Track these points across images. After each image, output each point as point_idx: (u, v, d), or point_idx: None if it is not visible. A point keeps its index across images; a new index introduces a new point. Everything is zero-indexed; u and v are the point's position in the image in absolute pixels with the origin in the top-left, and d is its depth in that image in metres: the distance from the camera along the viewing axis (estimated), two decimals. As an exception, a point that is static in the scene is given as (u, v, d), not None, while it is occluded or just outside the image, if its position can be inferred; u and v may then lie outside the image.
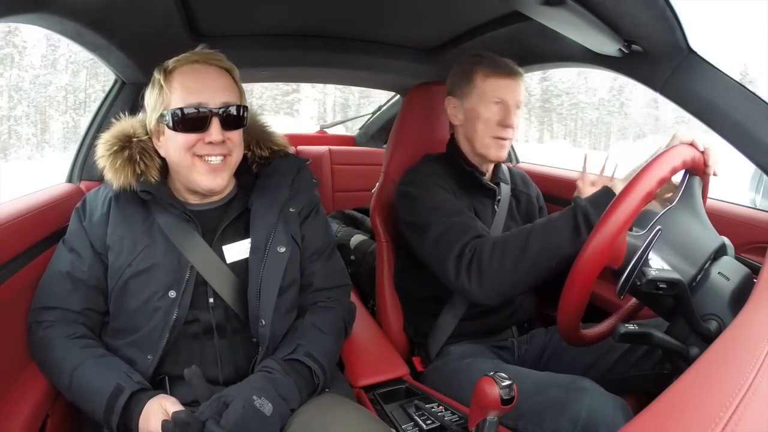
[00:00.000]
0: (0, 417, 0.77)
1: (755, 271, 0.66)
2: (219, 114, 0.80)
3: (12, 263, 0.84)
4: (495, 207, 1.11)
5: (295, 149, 2.19)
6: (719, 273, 0.67)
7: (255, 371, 0.79)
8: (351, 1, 1.17)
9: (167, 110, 0.80)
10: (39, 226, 0.94)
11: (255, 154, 0.93)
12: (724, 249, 0.73)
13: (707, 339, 0.61)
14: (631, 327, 0.61)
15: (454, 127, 1.11)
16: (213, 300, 0.83)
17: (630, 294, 0.63)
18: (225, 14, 1.20)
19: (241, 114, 0.84)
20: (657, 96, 0.97)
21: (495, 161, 1.10)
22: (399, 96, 2.16)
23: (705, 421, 0.34)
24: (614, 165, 1.08)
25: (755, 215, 1.08)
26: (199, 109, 0.80)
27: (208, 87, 0.81)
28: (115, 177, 0.83)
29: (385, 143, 2.18)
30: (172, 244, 0.83)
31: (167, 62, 0.84)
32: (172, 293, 0.80)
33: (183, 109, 0.79)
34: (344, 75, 1.91)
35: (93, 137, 1.23)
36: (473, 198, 1.08)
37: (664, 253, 0.67)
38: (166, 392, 0.79)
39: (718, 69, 0.87)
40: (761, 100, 0.83)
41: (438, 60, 1.53)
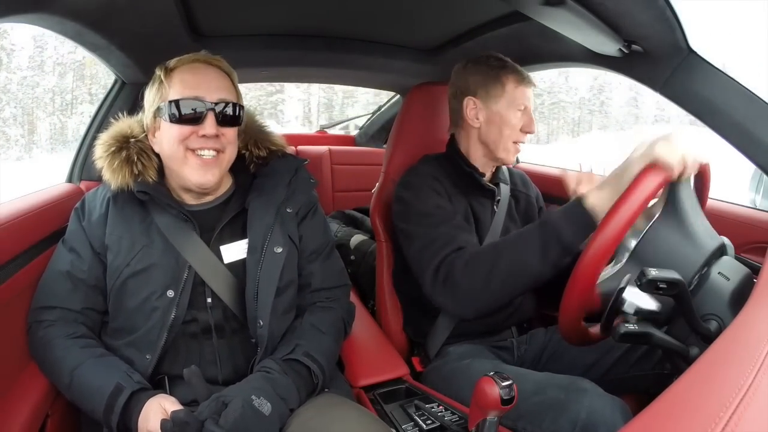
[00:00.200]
0: (0, 416, 0.77)
1: (755, 271, 0.66)
2: (214, 109, 0.81)
3: (12, 263, 0.84)
4: (494, 207, 1.11)
5: (295, 149, 2.19)
6: (719, 273, 0.67)
7: (254, 371, 0.79)
8: (351, 1, 1.17)
9: (164, 103, 0.81)
10: (39, 226, 0.94)
11: (253, 154, 0.93)
12: (724, 249, 0.73)
13: (707, 339, 0.61)
14: (631, 327, 0.61)
15: (465, 128, 1.09)
16: (211, 300, 0.83)
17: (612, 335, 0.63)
18: (225, 14, 1.20)
19: (237, 113, 0.84)
20: (636, 95, 0.97)
21: (508, 165, 1.13)
22: (399, 96, 2.16)
23: (705, 421, 0.34)
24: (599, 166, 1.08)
25: (755, 215, 1.08)
26: (195, 103, 0.80)
27: (206, 84, 0.82)
28: (113, 177, 0.84)
29: (385, 143, 2.18)
30: (170, 244, 0.83)
31: (169, 61, 0.85)
32: (170, 293, 0.81)
33: (179, 101, 0.80)
34: (344, 75, 1.91)
35: (93, 137, 1.23)
36: (472, 199, 1.08)
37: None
38: (166, 392, 0.79)
39: (718, 69, 0.87)
40: (761, 100, 0.83)
41: (438, 60, 1.53)
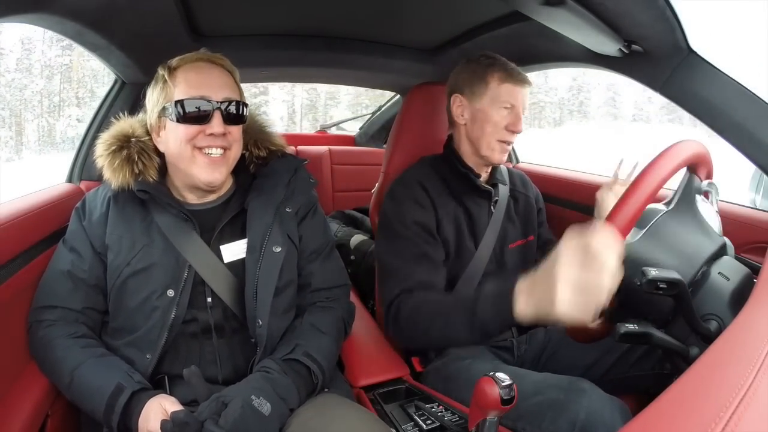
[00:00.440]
0: (0, 416, 0.77)
1: (755, 271, 0.66)
2: (221, 108, 0.82)
3: (12, 263, 0.84)
4: (491, 208, 1.11)
5: (295, 149, 2.19)
6: (719, 273, 0.67)
7: (253, 371, 0.79)
8: (351, 1, 1.17)
9: (170, 103, 0.81)
10: (39, 226, 0.94)
11: (253, 154, 0.94)
12: (724, 249, 0.73)
13: (707, 339, 0.61)
14: (631, 327, 0.61)
15: (456, 126, 1.10)
16: (211, 300, 0.83)
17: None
18: (225, 14, 1.20)
19: (242, 110, 0.85)
20: (614, 95, 0.98)
21: (496, 164, 1.11)
22: (399, 96, 2.16)
23: (705, 422, 0.34)
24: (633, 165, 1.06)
25: (755, 215, 1.08)
26: (202, 102, 0.81)
27: (211, 83, 0.83)
28: (114, 176, 0.84)
29: (385, 143, 2.18)
30: (171, 244, 0.83)
31: (171, 60, 0.85)
32: (171, 292, 0.81)
33: (185, 101, 0.80)
34: (344, 75, 1.91)
35: (93, 137, 1.23)
36: (467, 200, 1.08)
37: (660, 255, 0.67)
38: (166, 392, 0.79)
39: (718, 69, 0.87)
40: (761, 100, 0.83)
41: (438, 60, 1.53)
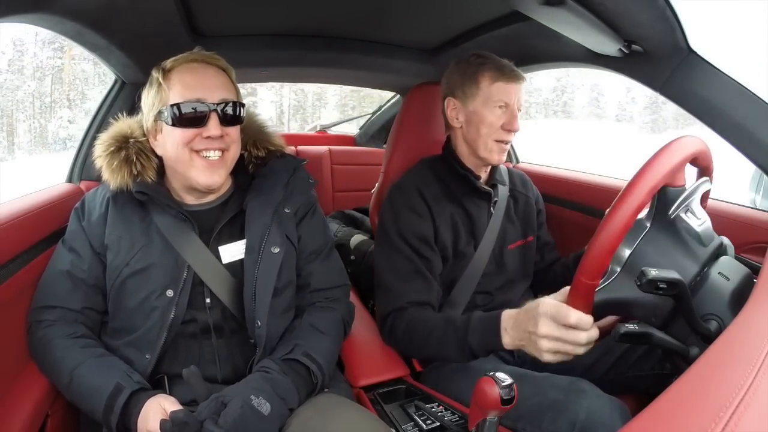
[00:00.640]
0: (0, 416, 0.77)
1: (755, 271, 0.66)
2: (217, 110, 0.81)
3: (12, 263, 0.84)
4: (491, 209, 1.10)
5: (295, 149, 2.19)
6: (719, 273, 0.67)
7: (253, 371, 0.79)
8: (351, 1, 1.17)
9: (165, 107, 0.81)
10: (39, 226, 0.94)
11: (251, 155, 0.93)
12: (724, 249, 0.72)
13: (707, 339, 0.61)
14: (631, 327, 0.61)
15: (452, 129, 1.10)
16: (210, 300, 0.83)
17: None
18: (225, 14, 1.20)
19: (238, 111, 0.84)
20: (597, 96, 0.98)
21: (495, 165, 1.10)
22: (399, 96, 2.16)
23: (705, 422, 0.34)
24: None
25: (755, 215, 1.08)
26: (198, 105, 0.80)
27: (207, 84, 0.82)
28: (112, 177, 0.84)
29: (385, 143, 2.18)
30: (170, 244, 0.83)
31: (165, 62, 0.84)
32: (170, 292, 0.81)
33: (181, 105, 0.80)
34: (344, 75, 1.91)
35: (93, 137, 1.23)
36: (467, 201, 1.07)
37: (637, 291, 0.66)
38: (165, 392, 0.79)
39: (718, 69, 0.87)
40: (761, 100, 0.83)
41: (438, 60, 1.53)
